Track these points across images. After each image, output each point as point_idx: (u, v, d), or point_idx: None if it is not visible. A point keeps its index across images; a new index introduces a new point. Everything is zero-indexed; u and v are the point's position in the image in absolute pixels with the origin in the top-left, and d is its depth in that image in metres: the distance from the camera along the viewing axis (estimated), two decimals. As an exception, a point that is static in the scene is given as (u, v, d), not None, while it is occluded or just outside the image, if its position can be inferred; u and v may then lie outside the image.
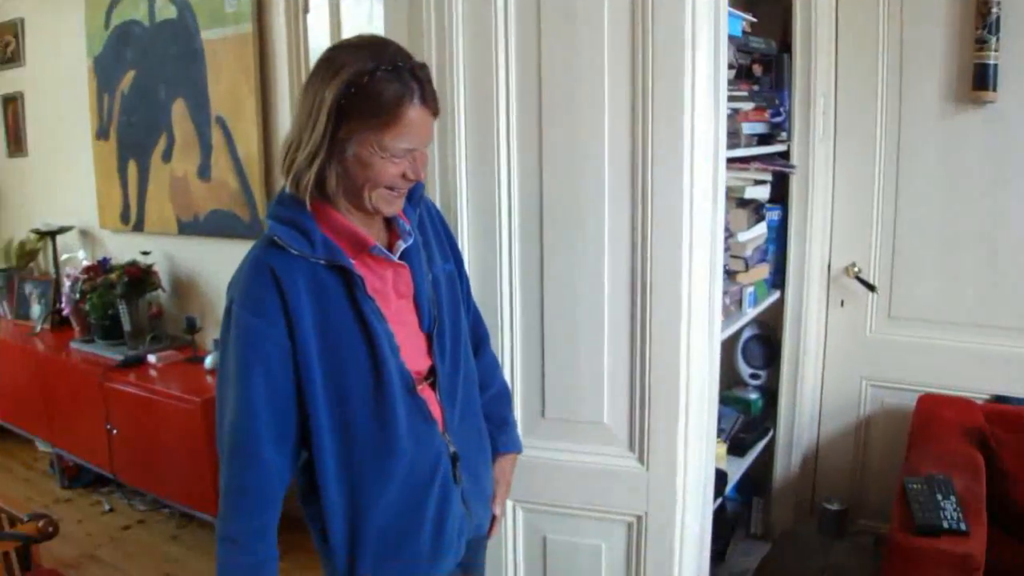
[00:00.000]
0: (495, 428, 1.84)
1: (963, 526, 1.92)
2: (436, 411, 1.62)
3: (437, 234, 1.74)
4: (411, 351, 1.59)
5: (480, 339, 1.87)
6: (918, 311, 2.89)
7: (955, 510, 1.97)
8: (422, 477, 1.58)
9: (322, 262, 1.47)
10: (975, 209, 2.74)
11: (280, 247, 1.46)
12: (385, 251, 1.55)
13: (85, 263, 4.27)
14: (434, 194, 1.97)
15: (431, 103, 1.48)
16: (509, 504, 2.07)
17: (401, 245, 1.58)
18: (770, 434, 3.06)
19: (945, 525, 1.92)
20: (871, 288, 2.89)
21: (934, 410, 2.65)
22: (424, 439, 1.58)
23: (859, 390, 3.01)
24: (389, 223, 1.62)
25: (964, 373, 2.79)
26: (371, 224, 1.57)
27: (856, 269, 2.92)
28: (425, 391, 1.61)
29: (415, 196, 1.64)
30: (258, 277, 1.46)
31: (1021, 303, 2.73)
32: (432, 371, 1.63)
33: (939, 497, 2.03)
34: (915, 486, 2.10)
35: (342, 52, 1.46)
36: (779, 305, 3.01)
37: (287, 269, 1.46)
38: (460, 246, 1.93)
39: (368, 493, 1.55)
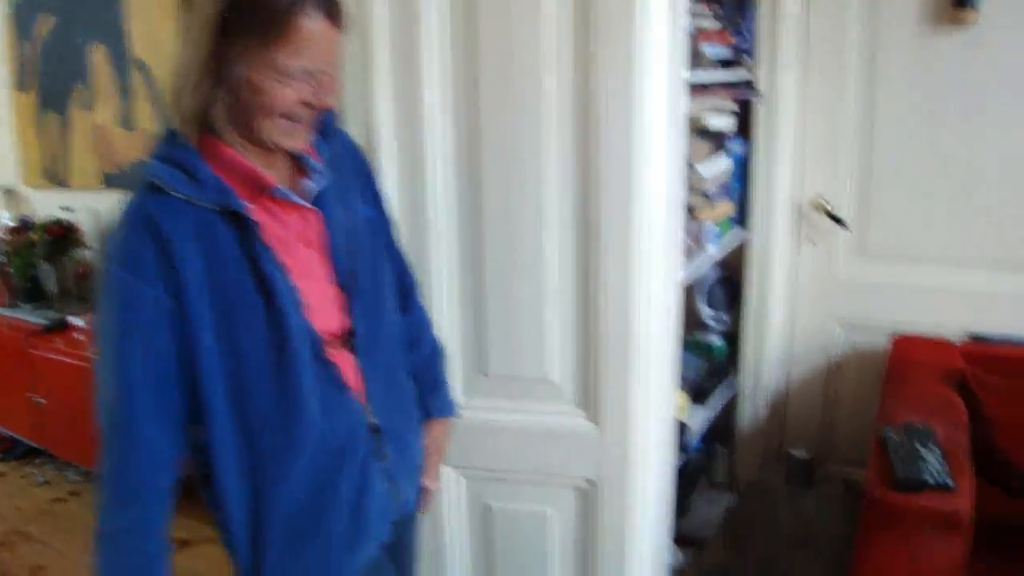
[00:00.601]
0: (426, 391, 1.64)
1: (948, 481, 1.75)
2: (353, 378, 1.41)
3: (358, 173, 1.52)
4: (322, 309, 1.37)
5: (407, 292, 1.65)
6: (891, 247, 2.72)
7: (939, 463, 1.80)
8: (335, 454, 1.37)
9: (212, 207, 1.25)
10: (952, 139, 2.56)
11: (162, 191, 1.23)
12: (289, 193, 1.32)
13: (9, 224, 4.01)
14: (351, 129, 1.73)
15: (335, 16, 1.25)
16: (449, 472, 1.88)
17: (310, 186, 1.36)
18: (734, 381, 2.89)
19: (929, 480, 1.75)
20: (842, 224, 2.71)
21: (910, 352, 2.50)
22: (337, 410, 1.37)
23: (829, 332, 2.85)
24: (297, 162, 1.39)
25: (941, 312, 2.64)
26: (272, 162, 1.34)
27: (826, 204, 2.73)
28: (340, 355, 1.39)
29: (329, 130, 1.42)
30: (135, 227, 1.23)
31: (999, 236, 2.57)
32: (349, 332, 1.42)
33: (920, 448, 1.86)
34: (894, 436, 1.93)
35: None
36: (744, 245, 2.83)
37: (170, 217, 1.23)
38: (383, 187, 1.70)
39: (271, 475, 1.34)
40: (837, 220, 2.71)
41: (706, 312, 2.88)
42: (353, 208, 1.46)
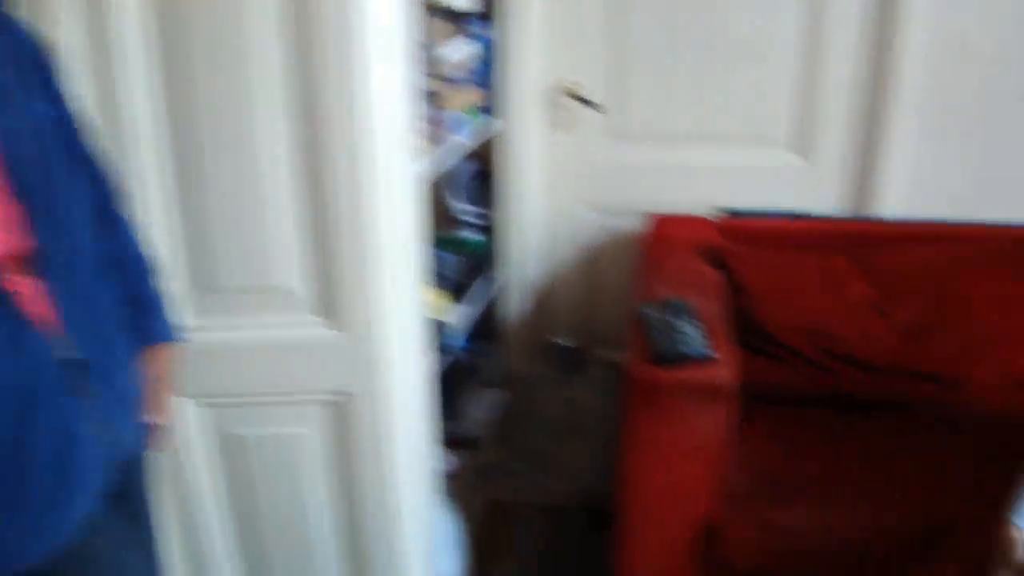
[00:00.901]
0: (140, 315, 1.42)
1: (709, 352, 1.74)
2: (42, 307, 1.18)
3: (34, 67, 1.26)
4: None
5: (106, 202, 1.41)
6: (645, 129, 2.70)
7: (698, 335, 1.78)
8: (21, 400, 1.15)
9: None
10: (698, 17, 2.54)
11: None
12: None
13: None
14: (26, 15, 1.43)
15: None
16: (187, 404, 1.68)
17: None
18: (497, 276, 2.82)
19: (689, 352, 1.73)
20: (596, 108, 2.65)
21: (666, 231, 2.51)
22: (19, 347, 1.14)
23: (588, 218, 2.83)
24: None
25: (696, 190, 2.68)
26: None
27: (579, 88, 2.65)
28: (22, 282, 1.16)
29: None
30: None
31: (746, 113, 2.60)
32: (33, 253, 1.18)
33: (678, 322, 1.84)
34: (651, 313, 1.90)
35: None
36: (497, 134, 2.72)
37: None
38: (68, 82, 1.43)
39: None
40: (590, 104, 2.65)
41: (461, 207, 2.77)
42: (28, 108, 1.20)
